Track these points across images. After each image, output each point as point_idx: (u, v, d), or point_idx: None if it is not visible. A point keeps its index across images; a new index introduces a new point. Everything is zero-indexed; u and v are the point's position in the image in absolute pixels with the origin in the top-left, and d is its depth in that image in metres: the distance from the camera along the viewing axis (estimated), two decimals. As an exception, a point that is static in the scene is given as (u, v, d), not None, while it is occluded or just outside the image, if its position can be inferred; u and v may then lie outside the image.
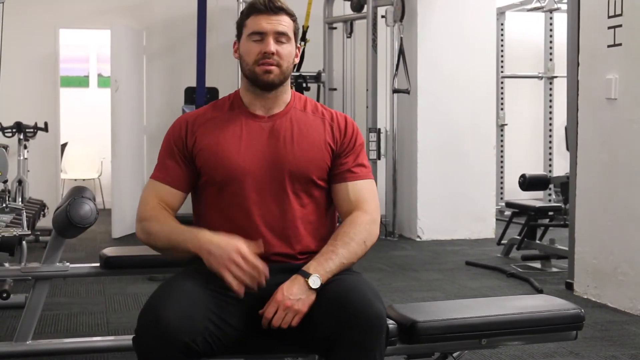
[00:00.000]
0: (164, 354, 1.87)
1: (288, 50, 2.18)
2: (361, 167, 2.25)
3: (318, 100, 7.78)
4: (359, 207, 2.19)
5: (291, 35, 2.19)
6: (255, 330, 2.06)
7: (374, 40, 7.29)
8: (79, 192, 3.14)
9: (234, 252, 1.99)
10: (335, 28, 8.01)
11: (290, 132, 2.21)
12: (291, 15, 2.21)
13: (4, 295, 4.13)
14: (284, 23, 2.17)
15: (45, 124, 7.13)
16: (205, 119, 2.24)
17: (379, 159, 7.26)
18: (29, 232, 4.26)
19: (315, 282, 2.02)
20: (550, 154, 9.03)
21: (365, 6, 7.38)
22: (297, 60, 2.26)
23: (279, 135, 2.20)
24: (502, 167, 9.04)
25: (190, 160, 2.21)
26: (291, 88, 2.33)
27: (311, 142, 2.21)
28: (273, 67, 2.16)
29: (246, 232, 2.14)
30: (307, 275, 2.02)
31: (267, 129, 2.21)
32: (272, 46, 2.15)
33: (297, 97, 2.30)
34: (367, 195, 2.22)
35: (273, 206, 2.16)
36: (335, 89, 7.99)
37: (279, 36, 2.16)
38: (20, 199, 6.52)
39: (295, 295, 2.00)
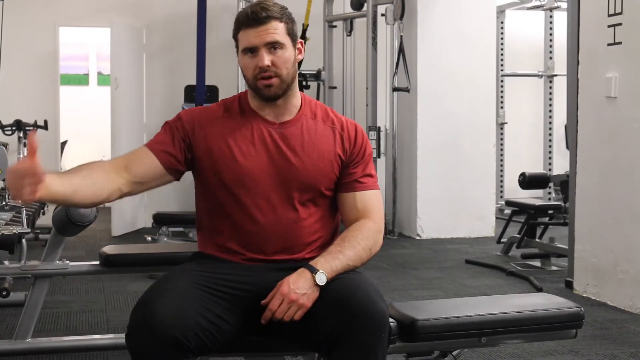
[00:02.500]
0: (154, 350, 1.86)
1: (284, 57, 2.12)
2: (369, 177, 2.24)
3: (318, 98, 7.78)
4: (366, 216, 2.19)
5: (284, 40, 2.12)
6: (254, 326, 2.06)
7: (374, 39, 7.29)
8: (78, 190, 3.13)
9: (9, 180, 1.84)
10: (335, 26, 8.01)
11: (300, 142, 2.18)
12: (280, 18, 2.11)
13: (4, 293, 4.12)
14: (272, 31, 2.10)
15: (45, 122, 7.13)
16: (217, 116, 2.20)
17: (379, 157, 7.25)
18: (29, 230, 4.25)
19: (321, 279, 2.01)
20: (550, 152, 9.04)
21: (365, 4, 7.39)
22: (301, 57, 2.20)
23: (290, 143, 2.17)
24: (502, 165, 9.04)
25: (186, 149, 2.15)
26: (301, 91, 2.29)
27: (321, 153, 2.19)
28: (272, 80, 2.11)
29: (251, 238, 2.15)
30: (314, 271, 2.02)
31: (277, 136, 2.17)
32: (266, 59, 2.09)
33: (307, 103, 2.25)
34: (374, 205, 2.22)
35: (280, 214, 2.15)
36: (335, 87, 7.99)
37: (271, 45, 2.11)
38: (20, 197, 6.51)
39: (301, 290, 1.99)
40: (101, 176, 2.06)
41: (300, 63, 2.23)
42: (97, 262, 3.39)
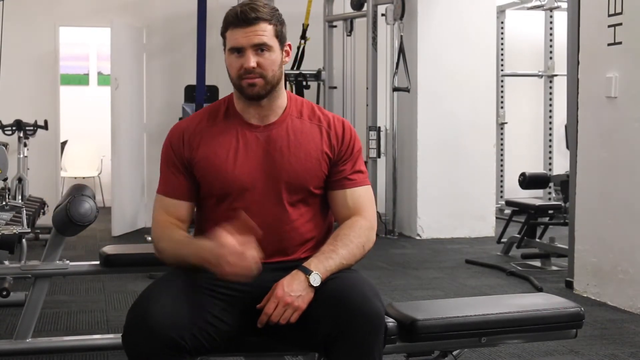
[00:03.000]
0: (150, 350, 1.87)
1: (271, 59, 2.12)
2: (359, 173, 2.23)
3: (318, 98, 7.78)
4: (358, 213, 2.19)
5: (272, 42, 2.11)
6: (251, 327, 2.06)
7: (374, 39, 7.29)
8: (78, 190, 3.14)
9: (222, 254, 1.94)
10: (336, 26, 8.01)
11: (286, 143, 2.17)
12: (269, 20, 2.11)
13: (4, 293, 4.11)
14: (260, 33, 2.09)
15: (45, 122, 7.13)
16: (201, 128, 2.20)
17: (379, 157, 7.25)
18: (29, 230, 4.25)
19: (315, 279, 2.01)
20: (550, 152, 9.03)
21: (366, 4, 7.38)
22: (287, 60, 2.20)
23: (276, 145, 2.17)
24: (502, 165, 9.04)
25: (190, 170, 2.18)
26: (290, 89, 2.29)
27: (308, 152, 2.18)
28: (256, 80, 2.11)
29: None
30: (308, 272, 2.02)
31: (263, 140, 2.17)
32: (252, 61, 2.09)
33: (293, 102, 2.24)
34: (365, 201, 2.21)
35: (270, 217, 2.15)
36: (335, 87, 7.98)
37: (258, 47, 2.10)
38: (20, 197, 6.52)
39: (296, 292, 1.99)
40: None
41: (298, 64, 2.22)
42: (97, 262, 3.39)
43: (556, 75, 8.87)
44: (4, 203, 5.33)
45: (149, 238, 5.65)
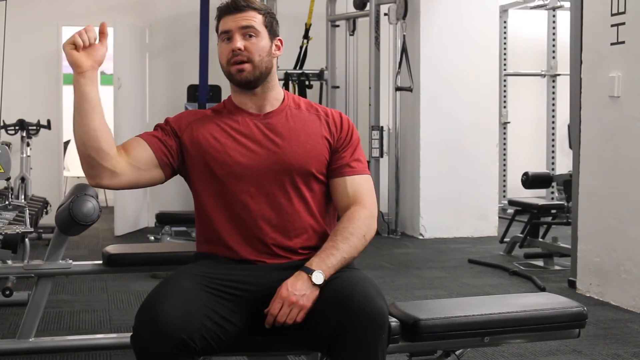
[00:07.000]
0: (161, 351, 1.87)
1: (259, 45, 2.17)
2: (358, 162, 2.26)
3: (321, 98, 7.79)
4: (357, 201, 2.20)
5: (260, 28, 2.18)
6: (257, 327, 2.06)
7: (377, 38, 7.29)
8: (81, 190, 3.14)
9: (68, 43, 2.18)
10: (338, 26, 8.00)
11: (286, 128, 2.21)
12: (259, 10, 2.19)
13: (7, 292, 4.13)
14: (248, 17, 2.17)
15: (48, 121, 7.13)
16: (204, 115, 2.27)
17: (382, 156, 7.25)
18: (32, 230, 4.26)
19: (318, 278, 2.02)
20: (553, 151, 9.03)
21: (368, 4, 7.39)
22: (279, 53, 2.25)
23: (276, 130, 2.21)
24: (504, 165, 9.04)
25: (178, 143, 2.20)
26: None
27: (308, 135, 2.22)
28: (245, 65, 2.16)
29: (246, 225, 2.16)
30: (310, 272, 2.03)
31: (263, 126, 2.21)
32: (239, 42, 2.15)
33: (290, 97, 2.30)
34: (364, 190, 2.23)
35: (272, 200, 2.17)
36: (337, 87, 7.99)
37: (245, 30, 2.16)
38: (22, 197, 6.53)
39: (300, 291, 2.00)
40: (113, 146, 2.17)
41: (300, 64, 2.24)
42: (100, 262, 3.39)
43: (559, 74, 8.86)
44: (6, 202, 5.33)
45: (152, 237, 5.67)
